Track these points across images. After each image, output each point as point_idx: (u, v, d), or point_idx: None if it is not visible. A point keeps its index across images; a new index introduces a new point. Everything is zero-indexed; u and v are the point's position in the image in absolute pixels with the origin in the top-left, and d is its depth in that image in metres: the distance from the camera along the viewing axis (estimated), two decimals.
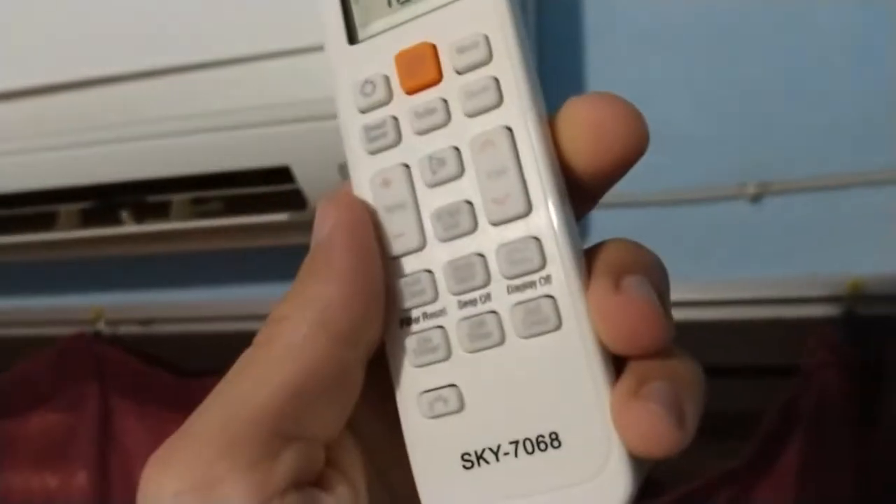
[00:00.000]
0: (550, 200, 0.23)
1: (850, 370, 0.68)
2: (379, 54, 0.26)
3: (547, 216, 0.23)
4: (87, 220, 0.83)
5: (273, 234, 0.83)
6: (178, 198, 0.78)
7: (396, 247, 0.25)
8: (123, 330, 1.04)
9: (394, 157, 0.25)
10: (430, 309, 0.25)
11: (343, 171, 0.69)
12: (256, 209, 0.77)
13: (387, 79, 0.25)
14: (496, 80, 0.24)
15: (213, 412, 0.23)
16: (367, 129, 0.26)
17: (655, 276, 0.24)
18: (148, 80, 0.69)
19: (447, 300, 0.24)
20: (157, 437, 0.97)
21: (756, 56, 0.79)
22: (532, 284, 0.23)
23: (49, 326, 1.06)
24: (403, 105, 0.25)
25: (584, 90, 0.84)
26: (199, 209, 0.80)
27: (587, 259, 0.24)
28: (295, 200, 0.73)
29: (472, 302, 0.24)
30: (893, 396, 0.69)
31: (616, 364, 0.23)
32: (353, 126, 0.26)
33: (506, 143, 0.24)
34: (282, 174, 0.71)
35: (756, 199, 0.79)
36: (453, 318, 0.24)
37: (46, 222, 0.82)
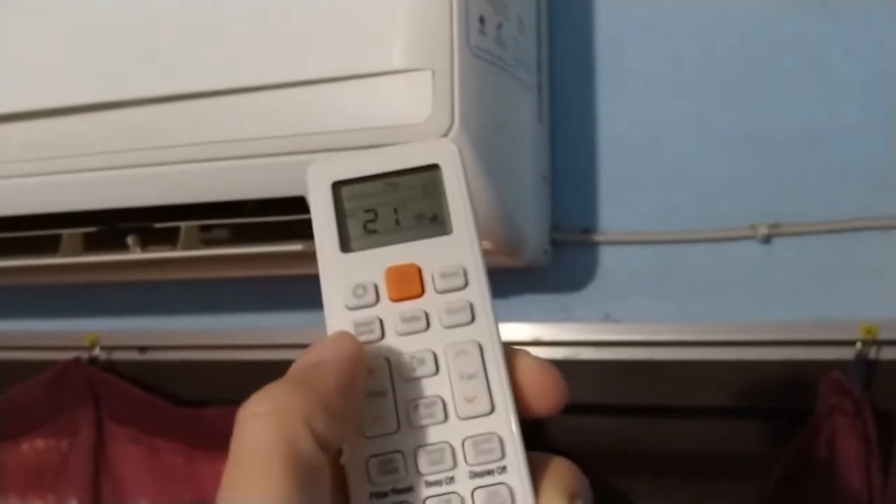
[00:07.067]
0: (509, 405, 0.29)
1: (862, 415, 0.68)
2: (370, 266, 0.31)
3: (506, 417, 0.29)
4: (91, 245, 0.82)
5: (280, 264, 0.82)
6: (186, 225, 0.77)
7: (374, 428, 0.29)
8: (119, 356, 1.03)
9: (378, 351, 0.30)
10: (399, 485, 0.28)
11: None
12: (262, 238, 0.76)
13: (376, 287, 0.31)
14: (471, 304, 0.30)
15: None
16: (357, 324, 0.31)
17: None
18: (163, 105, 0.69)
19: (415, 479, 0.28)
20: (151, 465, 0.96)
21: (769, 99, 0.80)
22: (491, 472, 0.28)
23: (44, 351, 1.05)
24: (389, 310, 0.31)
25: (596, 128, 0.85)
26: (207, 237, 0.79)
27: (539, 468, 0.29)
28: (307, 230, 0.73)
29: (438, 483, 0.28)
30: None
31: None
32: (343, 320, 0.31)
33: (477, 354, 0.30)
34: (294, 204, 0.70)
35: (767, 240, 0.79)
36: (420, 496, 0.28)
37: (49, 246, 0.81)
